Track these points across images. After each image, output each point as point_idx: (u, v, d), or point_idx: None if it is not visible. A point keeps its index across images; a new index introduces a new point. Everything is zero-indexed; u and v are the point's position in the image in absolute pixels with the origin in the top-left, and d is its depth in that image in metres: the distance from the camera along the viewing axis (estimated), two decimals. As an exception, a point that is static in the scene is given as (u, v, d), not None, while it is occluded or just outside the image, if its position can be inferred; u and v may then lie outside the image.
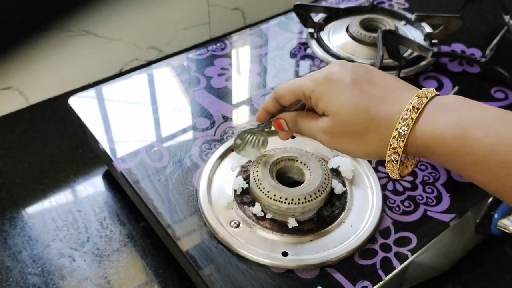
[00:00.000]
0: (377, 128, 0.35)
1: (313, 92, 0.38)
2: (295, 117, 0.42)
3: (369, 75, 0.37)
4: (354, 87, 0.36)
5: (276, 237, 0.46)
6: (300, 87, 0.39)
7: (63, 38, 0.76)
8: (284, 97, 0.41)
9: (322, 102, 0.38)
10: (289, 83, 0.41)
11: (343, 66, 0.38)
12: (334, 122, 0.37)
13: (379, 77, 0.38)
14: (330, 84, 0.37)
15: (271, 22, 0.77)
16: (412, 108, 0.34)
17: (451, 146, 0.33)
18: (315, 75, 0.39)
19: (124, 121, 0.59)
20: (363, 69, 0.38)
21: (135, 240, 0.57)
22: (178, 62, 0.68)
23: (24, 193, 0.62)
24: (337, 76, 0.37)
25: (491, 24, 0.79)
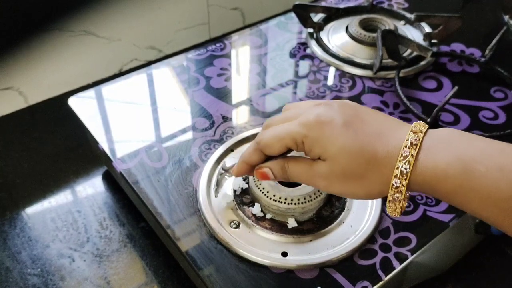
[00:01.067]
0: (377, 168, 0.35)
1: (306, 137, 0.36)
2: (283, 163, 0.39)
3: (357, 113, 0.37)
4: (348, 128, 0.35)
5: (276, 237, 0.46)
6: (290, 134, 0.37)
7: (63, 38, 0.76)
8: (271, 146, 0.38)
9: (317, 147, 0.36)
10: (274, 131, 0.38)
11: (329, 107, 0.37)
12: (332, 166, 0.36)
13: (367, 114, 0.37)
14: (323, 128, 0.36)
15: (270, 22, 0.77)
16: (410, 145, 0.34)
17: (454, 183, 0.32)
18: (304, 119, 0.37)
19: (124, 121, 0.59)
20: (349, 108, 0.37)
21: (135, 241, 0.57)
22: (178, 62, 0.68)
23: (24, 193, 0.62)
24: (328, 119, 0.36)
25: (491, 24, 0.79)
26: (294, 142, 0.37)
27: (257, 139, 0.40)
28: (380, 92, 0.64)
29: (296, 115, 0.38)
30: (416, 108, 0.60)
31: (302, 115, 0.37)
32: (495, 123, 0.60)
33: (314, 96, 0.63)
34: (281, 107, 0.61)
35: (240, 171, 0.41)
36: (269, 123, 0.40)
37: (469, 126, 0.59)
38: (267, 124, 0.40)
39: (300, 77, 0.67)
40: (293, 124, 0.37)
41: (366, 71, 0.67)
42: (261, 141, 0.39)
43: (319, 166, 0.37)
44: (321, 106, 0.37)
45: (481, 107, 0.62)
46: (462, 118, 0.60)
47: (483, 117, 0.61)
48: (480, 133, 0.57)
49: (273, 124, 0.39)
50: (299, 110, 0.39)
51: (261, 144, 0.39)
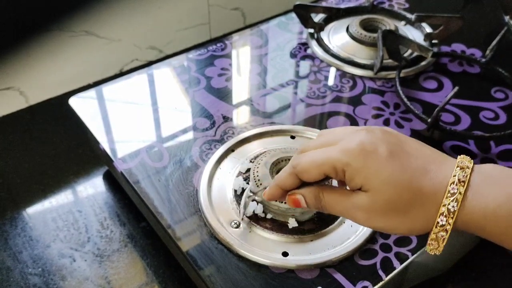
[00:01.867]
0: (422, 204, 0.33)
1: (348, 166, 0.34)
2: (317, 192, 0.37)
3: (401, 144, 0.35)
4: (393, 159, 0.34)
5: (276, 237, 0.46)
6: (330, 160, 0.35)
7: (64, 39, 0.76)
8: (308, 172, 0.36)
9: (359, 178, 0.34)
10: (313, 156, 0.36)
11: (371, 134, 0.35)
12: (375, 199, 0.34)
13: (410, 145, 0.35)
14: (367, 157, 0.34)
15: (271, 22, 0.77)
16: (458, 182, 0.32)
17: (504, 225, 0.31)
18: (346, 146, 0.35)
19: (125, 121, 0.59)
20: (392, 137, 0.35)
21: (136, 241, 0.57)
22: (178, 62, 0.68)
23: (25, 193, 0.62)
24: (371, 147, 0.34)
25: (491, 24, 0.79)
26: (334, 170, 0.35)
27: (293, 163, 0.37)
28: (380, 92, 0.64)
29: (335, 140, 0.36)
30: (416, 108, 0.60)
31: (343, 141, 0.35)
32: (496, 124, 0.60)
33: (315, 96, 0.63)
34: (282, 107, 0.61)
35: (273, 195, 0.39)
36: (305, 148, 0.38)
37: (470, 127, 0.59)
38: (303, 149, 0.38)
39: (301, 77, 0.67)
40: (333, 151, 0.35)
41: (366, 71, 0.67)
42: (298, 166, 0.37)
43: (359, 198, 0.35)
44: (362, 132, 0.35)
45: (482, 108, 0.62)
46: (462, 119, 0.60)
47: (483, 117, 0.61)
48: (480, 133, 0.57)
49: (309, 149, 0.37)
50: (337, 136, 0.37)
51: (298, 169, 0.37)
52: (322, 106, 0.62)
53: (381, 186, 0.34)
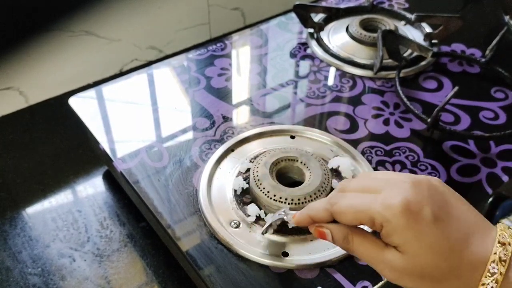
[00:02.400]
0: (459, 276, 0.32)
1: (388, 223, 0.32)
2: (347, 233, 0.36)
3: (446, 205, 0.33)
4: (437, 224, 0.32)
5: (276, 237, 0.46)
6: (370, 211, 0.33)
7: (63, 38, 0.76)
8: (344, 215, 0.35)
9: (397, 238, 0.33)
10: (353, 201, 0.35)
11: (418, 190, 0.33)
12: (410, 262, 0.33)
13: (456, 207, 0.34)
14: (410, 219, 0.32)
15: (271, 22, 0.77)
16: (499, 261, 0.31)
17: None
18: (389, 200, 0.33)
19: (124, 121, 0.59)
20: (438, 195, 0.33)
21: (135, 240, 0.57)
22: (178, 62, 0.68)
23: (24, 193, 0.62)
24: (416, 208, 0.32)
25: (491, 24, 0.79)
26: (371, 221, 0.33)
27: (331, 200, 0.36)
28: (380, 92, 0.64)
29: (378, 188, 0.34)
30: (416, 108, 0.60)
31: (386, 191, 0.33)
32: (496, 123, 0.60)
33: (315, 96, 0.63)
34: (282, 107, 0.61)
35: (302, 222, 0.38)
36: (344, 187, 0.37)
37: (470, 127, 0.59)
38: (343, 188, 0.37)
39: (301, 77, 0.67)
40: (375, 201, 0.33)
41: (366, 71, 0.67)
42: (335, 206, 0.35)
43: (393, 256, 0.33)
44: (407, 186, 0.33)
45: (482, 107, 0.62)
46: (462, 118, 0.60)
47: (483, 117, 0.61)
48: (480, 133, 0.57)
49: (349, 189, 0.36)
50: (380, 182, 0.35)
51: (334, 208, 0.35)
52: (322, 106, 0.62)
53: (419, 251, 0.32)
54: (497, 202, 0.52)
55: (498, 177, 0.53)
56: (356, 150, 0.55)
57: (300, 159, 0.50)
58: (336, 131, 0.58)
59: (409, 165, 0.54)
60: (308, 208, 0.38)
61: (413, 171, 0.53)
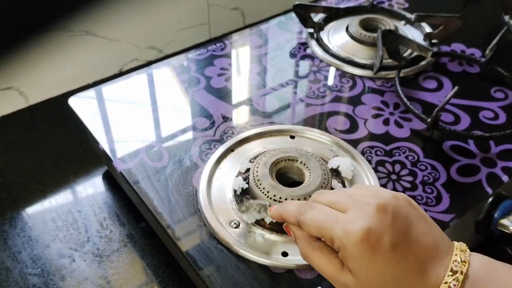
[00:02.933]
0: None
1: (345, 249, 0.33)
2: (310, 244, 0.37)
3: (406, 231, 0.34)
4: (393, 254, 0.33)
5: (276, 237, 0.46)
6: (330, 232, 0.34)
7: (63, 38, 0.76)
8: (308, 228, 0.36)
9: (351, 263, 0.34)
10: (319, 217, 0.36)
11: (381, 214, 0.33)
12: (359, 286, 0.34)
13: (416, 231, 0.34)
14: (366, 249, 0.32)
15: (270, 22, 0.77)
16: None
17: None
18: (349, 226, 0.33)
19: (124, 121, 0.59)
20: (401, 218, 0.34)
21: (135, 241, 0.57)
22: (178, 62, 0.68)
23: (24, 193, 0.62)
24: (375, 237, 0.32)
25: (491, 24, 0.79)
26: (330, 241, 0.35)
27: (301, 209, 0.37)
28: (380, 92, 0.64)
29: (346, 206, 0.35)
30: (416, 108, 0.60)
31: (350, 213, 0.34)
32: (496, 123, 0.60)
33: (314, 96, 0.63)
34: (281, 107, 0.61)
35: (274, 217, 0.41)
36: (316, 198, 0.38)
37: (470, 126, 0.59)
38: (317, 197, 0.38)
39: (300, 77, 0.67)
40: (337, 224, 0.34)
41: (366, 71, 0.67)
42: (302, 216, 0.37)
43: (347, 279, 0.34)
44: (372, 211, 0.34)
45: (482, 107, 0.62)
46: (462, 118, 0.60)
47: (483, 117, 0.61)
48: (480, 133, 0.57)
49: (322, 200, 0.37)
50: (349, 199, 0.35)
51: (300, 218, 0.37)
52: (321, 106, 0.62)
53: (370, 280, 0.33)
54: (497, 202, 0.52)
55: (498, 177, 0.53)
56: (356, 150, 0.55)
57: (300, 159, 0.49)
58: (336, 131, 0.58)
59: (409, 165, 0.54)
60: (282, 207, 0.40)
61: (413, 171, 0.53)
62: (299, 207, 0.38)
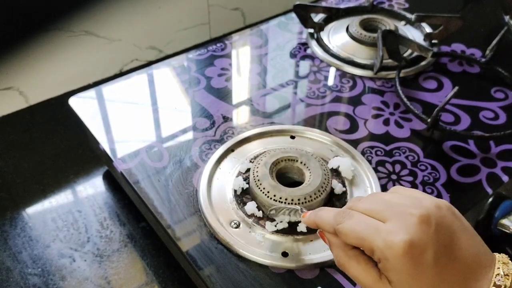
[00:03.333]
0: None
1: (387, 261, 0.32)
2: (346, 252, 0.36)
3: (449, 243, 0.32)
4: (435, 269, 0.31)
5: (276, 237, 0.46)
6: (371, 244, 0.33)
7: (63, 39, 0.76)
8: (346, 237, 0.35)
9: (393, 275, 0.32)
10: (358, 227, 0.34)
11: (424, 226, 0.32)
12: None
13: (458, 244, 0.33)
14: (409, 262, 0.31)
15: (271, 22, 0.77)
16: None
17: None
18: (391, 238, 0.32)
19: (124, 122, 0.59)
20: (444, 229, 0.32)
21: (135, 241, 0.57)
22: (178, 62, 0.68)
23: (24, 194, 0.62)
24: (418, 251, 0.31)
25: (491, 24, 0.79)
26: (371, 252, 0.33)
27: (338, 218, 0.36)
28: (380, 92, 0.64)
29: (386, 215, 0.33)
30: (416, 108, 0.60)
31: (391, 223, 0.32)
32: (496, 123, 0.60)
33: (315, 96, 0.63)
34: (282, 107, 0.61)
35: (309, 225, 0.39)
36: (354, 206, 0.36)
37: (470, 126, 0.59)
38: (353, 205, 0.36)
39: (301, 77, 0.67)
40: (378, 234, 0.32)
41: (366, 71, 0.67)
42: (340, 226, 0.35)
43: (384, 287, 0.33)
44: (415, 222, 0.32)
45: (482, 107, 0.62)
46: (462, 118, 0.60)
47: (483, 117, 0.61)
48: (480, 133, 0.57)
49: (358, 209, 0.35)
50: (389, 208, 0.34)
51: (338, 228, 0.35)
52: (322, 106, 0.62)
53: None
54: (497, 202, 0.52)
55: (498, 177, 0.53)
56: (356, 150, 0.55)
57: (300, 159, 0.50)
58: (336, 131, 0.58)
59: (409, 165, 0.54)
60: (317, 216, 0.38)
61: (413, 171, 0.53)
62: (336, 215, 0.36)
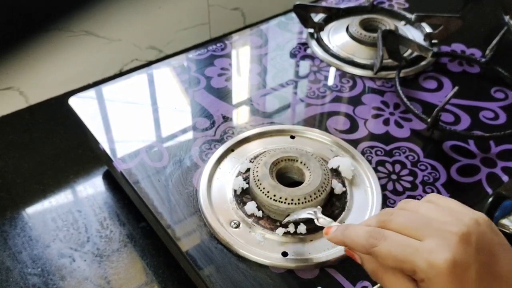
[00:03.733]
0: None
1: (430, 281, 0.31)
2: (378, 269, 0.34)
3: (491, 261, 0.32)
4: (478, 285, 0.31)
5: (276, 237, 0.46)
6: (412, 265, 0.31)
7: (63, 38, 0.76)
8: (383, 261, 0.33)
9: None
10: (395, 250, 0.32)
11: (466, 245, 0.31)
12: None
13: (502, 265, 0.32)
14: (453, 282, 0.30)
15: (271, 22, 0.77)
16: None
17: None
18: (434, 257, 0.31)
19: (124, 121, 0.59)
20: (485, 247, 0.32)
21: (135, 241, 0.57)
22: (178, 62, 0.68)
23: (24, 193, 0.62)
24: (461, 270, 0.30)
25: (491, 24, 0.79)
26: (412, 272, 0.32)
27: (370, 240, 0.33)
28: (380, 92, 0.64)
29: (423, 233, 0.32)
30: (416, 108, 0.60)
31: (431, 242, 0.31)
32: (496, 123, 0.60)
33: (315, 96, 0.63)
34: (282, 107, 0.61)
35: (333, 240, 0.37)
36: (386, 223, 0.34)
37: (470, 127, 0.59)
38: (384, 223, 0.34)
39: (301, 77, 0.67)
40: (419, 255, 0.31)
41: (366, 71, 0.67)
42: (375, 249, 0.33)
43: None
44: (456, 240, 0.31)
45: (482, 107, 0.62)
46: (462, 118, 0.60)
47: (483, 117, 0.61)
48: (480, 133, 0.57)
49: (392, 228, 0.34)
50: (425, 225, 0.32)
51: (373, 251, 0.33)
52: (322, 106, 0.62)
53: None
54: (497, 202, 0.52)
55: (498, 177, 0.53)
56: (356, 150, 0.55)
57: (300, 159, 0.49)
58: (336, 131, 0.58)
59: (409, 165, 0.54)
60: (345, 236, 0.36)
61: (413, 171, 0.53)
62: (368, 238, 0.34)
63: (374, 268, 0.35)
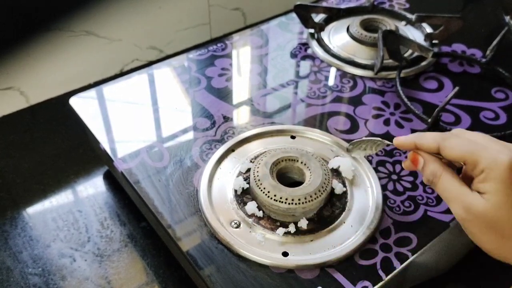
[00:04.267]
0: None
1: (491, 170, 0.35)
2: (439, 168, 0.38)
3: None
4: None
5: (276, 237, 0.46)
6: (478, 156, 0.35)
7: (64, 38, 0.76)
8: (451, 150, 0.37)
9: (492, 185, 0.35)
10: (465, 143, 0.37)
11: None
12: (489, 211, 0.35)
13: None
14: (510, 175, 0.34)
15: (271, 22, 0.77)
16: None
17: None
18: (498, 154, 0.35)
19: (125, 121, 0.59)
20: None
21: (136, 240, 0.57)
22: (179, 63, 0.68)
23: (25, 193, 0.62)
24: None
25: (492, 25, 0.79)
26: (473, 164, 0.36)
27: (444, 135, 0.38)
28: (381, 93, 0.64)
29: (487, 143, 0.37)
30: (417, 108, 0.60)
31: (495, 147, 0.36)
32: (496, 124, 0.60)
33: (315, 96, 0.63)
34: (282, 107, 0.61)
35: (404, 144, 0.41)
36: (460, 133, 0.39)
37: (470, 127, 0.59)
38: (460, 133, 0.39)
39: (301, 77, 0.67)
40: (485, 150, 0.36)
41: (367, 72, 0.67)
42: (447, 140, 0.37)
43: (475, 200, 0.36)
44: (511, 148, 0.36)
45: (482, 108, 0.62)
46: (463, 119, 0.60)
47: (484, 117, 0.61)
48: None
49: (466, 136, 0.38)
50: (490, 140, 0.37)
51: (445, 143, 0.37)
52: (322, 106, 0.62)
53: (503, 205, 0.34)
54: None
55: (498, 177, 0.53)
56: (356, 150, 0.55)
57: (301, 159, 0.50)
58: (336, 131, 0.58)
59: (409, 165, 0.54)
60: (416, 136, 0.40)
61: (414, 171, 0.53)
62: (442, 134, 0.38)
63: (434, 169, 0.38)
